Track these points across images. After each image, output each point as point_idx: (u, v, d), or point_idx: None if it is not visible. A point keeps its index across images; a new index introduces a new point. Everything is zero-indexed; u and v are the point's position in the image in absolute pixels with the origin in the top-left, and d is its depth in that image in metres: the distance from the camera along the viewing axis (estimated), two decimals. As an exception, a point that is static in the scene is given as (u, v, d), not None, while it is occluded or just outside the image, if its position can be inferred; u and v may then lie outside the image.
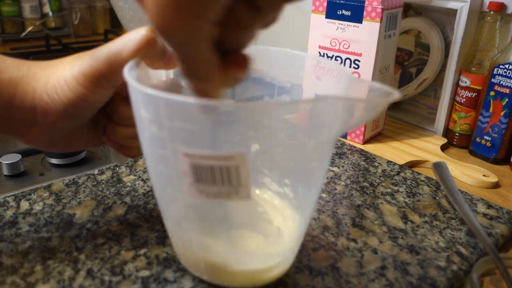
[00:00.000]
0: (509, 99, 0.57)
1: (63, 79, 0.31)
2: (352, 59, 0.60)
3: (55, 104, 0.31)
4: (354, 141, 0.64)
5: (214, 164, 0.25)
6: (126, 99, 0.34)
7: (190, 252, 0.33)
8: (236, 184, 0.26)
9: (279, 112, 0.28)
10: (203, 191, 0.26)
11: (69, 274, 0.34)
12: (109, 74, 0.31)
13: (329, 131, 0.28)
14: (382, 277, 0.35)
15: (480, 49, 0.62)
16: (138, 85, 0.26)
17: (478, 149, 0.62)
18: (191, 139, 0.26)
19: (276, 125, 0.28)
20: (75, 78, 0.31)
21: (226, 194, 0.26)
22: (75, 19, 1.31)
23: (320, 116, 0.28)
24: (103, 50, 0.31)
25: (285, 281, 0.34)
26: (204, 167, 0.25)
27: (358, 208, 0.45)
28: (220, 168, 0.25)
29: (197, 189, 0.26)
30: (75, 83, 0.31)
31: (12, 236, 0.38)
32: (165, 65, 0.33)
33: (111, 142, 0.37)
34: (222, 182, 0.26)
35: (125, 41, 0.30)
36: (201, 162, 0.25)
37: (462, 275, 0.36)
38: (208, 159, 0.25)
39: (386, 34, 0.59)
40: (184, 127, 0.26)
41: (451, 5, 0.63)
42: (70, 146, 0.37)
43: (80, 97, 0.31)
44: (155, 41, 0.30)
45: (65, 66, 0.32)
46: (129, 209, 0.43)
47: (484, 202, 0.47)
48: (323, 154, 0.30)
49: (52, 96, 0.31)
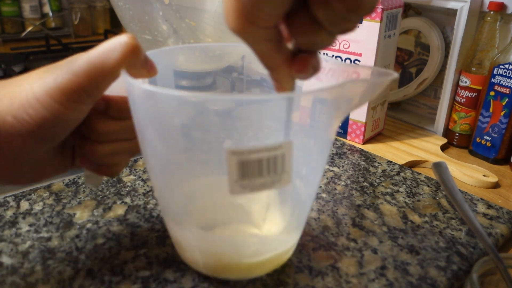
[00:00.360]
0: (509, 99, 0.57)
1: (33, 97, 0.27)
2: (352, 59, 0.60)
3: (24, 125, 0.28)
4: (354, 141, 0.64)
5: (263, 156, 0.25)
6: (103, 114, 0.32)
7: (190, 247, 0.34)
8: (280, 172, 0.26)
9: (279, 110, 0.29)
10: (247, 186, 0.26)
11: (69, 274, 0.34)
12: (91, 88, 0.28)
13: (329, 124, 0.29)
14: (382, 277, 0.35)
15: (480, 49, 0.62)
16: (177, 92, 0.25)
17: (478, 149, 0.62)
18: (237, 135, 0.27)
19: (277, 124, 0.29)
20: (49, 94, 0.27)
21: (270, 184, 0.27)
22: (75, 19, 1.31)
23: (321, 112, 0.28)
24: (81, 62, 0.28)
25: (285, 281, 0.34)
26: (252, 161, 0.25)
27: (358, 208, 0.45)
28: (268, 159, 0.26)
29: (241, 185, 0.26)
30: (49, 100, 0.27)
31: (12, 236, 0.38)
32: (148, 73, 0.30)
33: (87, 163, 0.34)
34: (268, 172, 0.26)
35: (107, 50, 0.28)
36: (250, 156, 0.25)
37: (462, 275, 0.36)
38: (257, 152, 0.25)
39: (386, 34, 0.59)
40: (231, 124, 0.26)
41: (451, 5, 0.63)
42: (38, 176, 0.32)
43: (56, 115, 0.28)
44: (139, 48, 0.28)
45: (32, 83, 0.28)
46: (129, 209, 0.43)
47: (484, 202, 0.47)
48: (323, 148, 0.30)
49: (21, 116, 0.27)
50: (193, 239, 0.33)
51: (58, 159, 0.33)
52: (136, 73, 0.29)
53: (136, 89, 0.28)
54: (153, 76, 0.31)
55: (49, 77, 0.28)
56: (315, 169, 0.33)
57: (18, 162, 0.30)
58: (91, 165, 0.34)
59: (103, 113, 0.32)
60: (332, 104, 0.28)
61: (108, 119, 0.32)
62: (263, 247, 0.33)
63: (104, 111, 0.32)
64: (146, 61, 0.30)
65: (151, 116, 0.29)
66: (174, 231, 0.34)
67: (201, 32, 0.55)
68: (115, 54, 0.27)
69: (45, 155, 0.31)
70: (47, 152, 0.31)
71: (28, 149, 0.29)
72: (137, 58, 0.28)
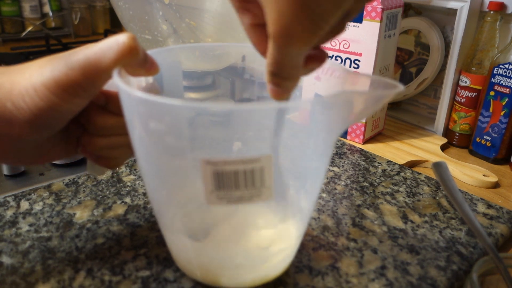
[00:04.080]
0: (509, 99, 0.57)
1: (31, 86, 0.28)
2: (352, 59, 0.60)
3: (22, 113, 0.28)
4: (354, 141, 0.64)
5: (238, 169, 0.25)
6: (102, 108, 0.32)
7: (184, 255, 0.33)
8: (259, 186, 0.25)
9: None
10: (223, 197, 0.26)
11: (69, 274, 0.34)
12: (86, 83, 0.28)
13: (329, 129, 0.28)
14: (382, 277, 0.35)
15: (480, 49, 0.62)
16: (153, 97, 0.24)
17: (478, 149, 0.62)
18: (213, 145, 0.26)
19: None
20: (45, 85, 0.28)
21: (248, 198, 0.26)
22: (75, 19, 1.31)
23: (321, 115, 0.28)
24: (79, 56, 0.28)
25: (285, 281, 0.34)
26: (227, 172, 0.25)
27: (358, 208, 0.45)
28: (245, 172, 0.25)
29: (218, 196, 0.26)
30: (45, 90, 0.28)
31: (12, 236, 0.38)
32: (147, 72, 0.30)
33: (87, 154, 0.34)
34: (246, 185, 0.25)
35: (104, 48, 0.28)
36: (225, 168, 0.24)
37: (462, 275, 0.36)
38: (233, 164, 0.24)
39: (386, 34, 0.59)
40: (207, 134, 0.25)
41: (451, 5, 0.63)
42: (39, 159, 0.33)
43: (51, 106, 0.28)
44: (137, 49, 0.28)
45: (32, 72, 0.28)
46: (129, 209, 0.43)
47: (484, 202, 0.47)
48: (323, 153, 0.30)
49: (18, 104, 0.28)
50: (182, 248, 0.32)
51: (62, 145, 0.33)
52: (134, 72, 0.30)
53: (121, 91, 0.27)
54: (153, 75, 0.31)
55: (47, 68, 0.28)
56: (314, 177, 0.31)
57: (18, 147, 0.30)
58: (90, 155, 0.34)
59: (103, 107, 0.32)
60: (332, 111, 0.27)
61: (107, 113, 0.32)
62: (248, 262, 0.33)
63: (103, 105, 0.32)
64: (145, 61, 0.30)
65: (137, 120, 0.28)
66: (167, 238, 0.34)
67: (201, 32, 0.55)
68: (111, 52, 0.27)
69: (47, 141, 0.32)
70: (50, 139, 0.32)
71: (25, 137, 0.29)
72: (134, 58, 0.28)
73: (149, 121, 0.27)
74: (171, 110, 0.25)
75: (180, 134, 0.27)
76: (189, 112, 0.27)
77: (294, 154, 0.31)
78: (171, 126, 0.27)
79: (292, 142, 0.30)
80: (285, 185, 0.32)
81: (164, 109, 0.25)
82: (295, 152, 0.30)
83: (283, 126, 0.28)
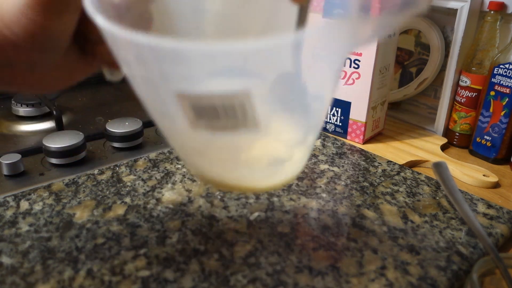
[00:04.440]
0: (509, 99, 0.57)
1: (18, 9, 0.26)
2: (352, 59, 0.60)
3: (20, 38, 0.27)
4: (354, 141, 0.64)
5: (215, 102, 0.23)
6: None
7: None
8: (242, 118, 0.24)
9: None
10: (206, 126, 0.25)
11: (69, 274, 0.34)
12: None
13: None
14: (382, 277, 0.35)
15: (480, 49, 0.62)
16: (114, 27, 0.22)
17: (478, 149, 0.62)
18: (185, 81, 0.25)
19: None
20: (29, 6, 0.26)
21: (232, 126, 0.25)
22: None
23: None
24: None
25: (285, 281, 0.34)
26: (204, 106, 0.24)
27: (358, 208, 0.45)
28: (224, 106, 0.24)
29: (199, 124, 0.25)
30: (30, 12, 0.26)
31: (12, 236, 0.38)
32: None
33: (103, 62, 0.33)
34: (227, 117, 0.24)
35: None
36: (201, 101, 0.23)
37: (462, 275, 0.36)
38: (208, 99, 0.23)
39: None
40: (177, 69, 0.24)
41: (451, 5, 0.63)
42: (69, 79, 0.32)
43: (40, 26, 0.26)
44: None
45: None
46: (129, 209, 0.43)
47: (484, 202, 0.47)
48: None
49: (13, 30, 0.27)
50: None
51: (82, 63, 0.32)
52: None
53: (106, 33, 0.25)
54: None
55: None
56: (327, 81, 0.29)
57: (37, 71, 0.29)
58: (107, 62, 0.33)
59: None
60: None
61: None
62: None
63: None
64: None
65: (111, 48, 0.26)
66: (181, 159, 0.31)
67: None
68: None
69: (66, 61, 0.31)
70: (67, 58, 0.31)
71: (36, 60, 0.29)
72: None
73: (118, 52, 0.25)
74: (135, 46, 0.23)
75: (149, 67, 0.25)
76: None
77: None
78: (138, 59, 0.25)
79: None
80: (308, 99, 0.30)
81: (128, 45, 0.23)
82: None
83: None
